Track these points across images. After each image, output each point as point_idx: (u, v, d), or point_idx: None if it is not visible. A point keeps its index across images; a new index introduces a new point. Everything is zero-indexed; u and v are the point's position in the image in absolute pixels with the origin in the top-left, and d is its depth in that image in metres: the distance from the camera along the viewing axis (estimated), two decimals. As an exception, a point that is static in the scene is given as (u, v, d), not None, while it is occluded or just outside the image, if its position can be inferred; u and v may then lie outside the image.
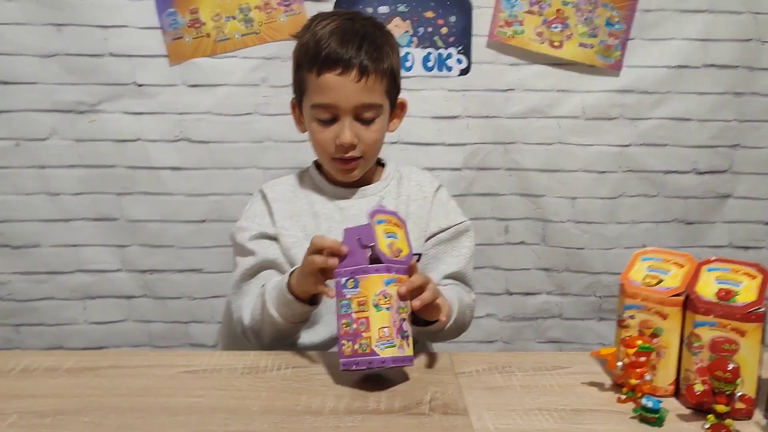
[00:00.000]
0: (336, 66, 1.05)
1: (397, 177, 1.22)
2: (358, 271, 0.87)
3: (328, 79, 1.06)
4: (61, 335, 1.94)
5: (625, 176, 1.96)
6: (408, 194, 1.20)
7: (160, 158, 1.88)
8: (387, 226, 0.91)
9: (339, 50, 1.05)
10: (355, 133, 1.09)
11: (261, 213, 1.16)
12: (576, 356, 1.03)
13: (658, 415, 0.80)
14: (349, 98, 1.07)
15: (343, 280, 0.88)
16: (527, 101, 1.91)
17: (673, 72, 1.91)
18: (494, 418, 0.81)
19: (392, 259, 0.89)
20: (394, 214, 0.94)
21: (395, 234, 0.91)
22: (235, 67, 1.85)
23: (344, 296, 0.88)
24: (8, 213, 1.87)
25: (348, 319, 0.87)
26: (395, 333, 0.86)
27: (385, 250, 0.88)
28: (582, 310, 2.03)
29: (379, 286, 0.86)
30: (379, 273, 0.87)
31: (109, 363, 0.95)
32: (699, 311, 0.84)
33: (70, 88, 1.82)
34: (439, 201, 1.21)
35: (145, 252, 1.93)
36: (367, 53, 1.06)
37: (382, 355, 0.85)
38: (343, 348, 0.88)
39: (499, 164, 1.95)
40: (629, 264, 0.95)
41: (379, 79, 1.08)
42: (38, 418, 0.78)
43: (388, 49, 1.10)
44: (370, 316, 0.86)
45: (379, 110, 1.11)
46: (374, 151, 1.15)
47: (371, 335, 0.85)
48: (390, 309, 0.87)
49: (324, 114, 1.09)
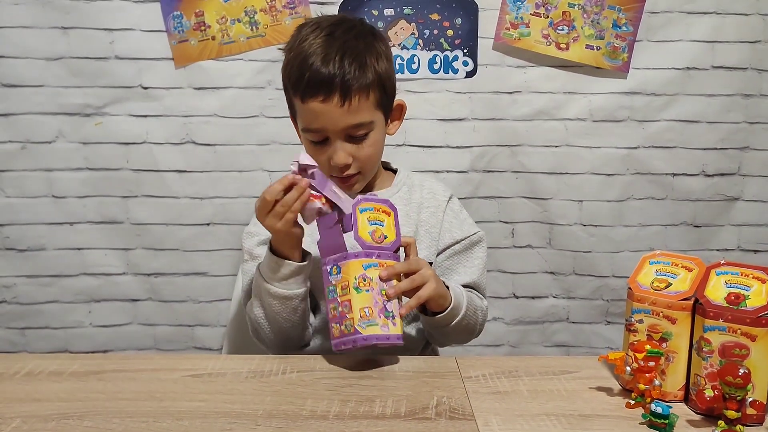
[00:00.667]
0: (318, 92, 1.03)
1: (409, 184, 1.22)
2: (339, 258, 0.94)
3: (313, 107, 1.05)
4: (66, 338, 1.94)
5: (632, 179, 1.95)
6: (420, 202, 1.19)
7: (165, 161, 1.87)
8: (372, 213, 0.97)
9: (320, 72, 1.02)
10: (349, 153, 1.08)
11: None
12: (584, 360, 1.02)
13: (668, 420, 0.79)
14: (336, 123, 1.05)
15: (328, 268, 0.95)
16: (534, 103, 1.90)
17: (681, 74, 1.90)
18: (501, 423, 0.80)
19: (371, 245, 0.95)
20: (385, 203, 0.99)
21: (382, 221, 0.97)
22: (241, 69, 1.85)
23: (330, 282, 0.94)
24: (14, 216, 1.88)
25: (334, 303, 0.94)
26: (377, 313, 0.92)
27: (365, 236, 0.95)
28: (589, 314, 2.01)
29: (358, 270, 0.93)
30: (358, 258, 0.93)
31: (114, 366, 0.95)
32: (708, 315, 0.83)
33: (76, 90, 1.83)
34: (451, 211, 1.21)
35: (151, 255, 1.93)
36: (349, 71, 1.03)
37: (364, 333, 0.91)
38: (332, 330, 0.94)
39: (506, 167, 1.94)
40: (637, 268, 0.94)
41: (365, 95, 1.05)
42: (42, 422, 0.78)
43: (372, 60, 1.07)
44: (351, 298, 0.92)
45: (370, 126, 1.09)
46: (372, 165, 1.14)
47: (354, 316, 0.91)
48: (370, 291, 0.93)
49: (315, 137, 1.08)
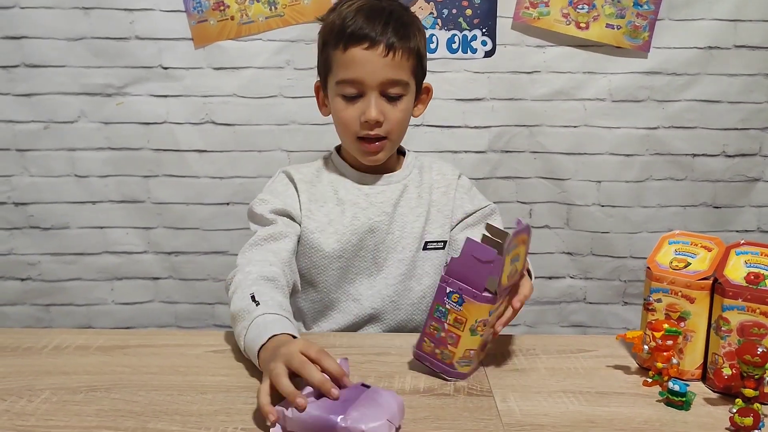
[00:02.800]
0: (363, 41, 1.05)
1: (419, 166, 1.22)
2: (468, 292, 0.83)
3: (355, 54, 1.05)
4: (90, 315, 1.98)
5: (652, 159, 1.94)
6: (430, 183, 1.19)
7: (185, 141, 1.89)
8: (515, 250, 0.85)
9: (365, 26, 1.05)
10: (381, 110, 1.07)
11: (285, 192, 1.15)
12: (601, 339, 1.02)
13: (685, 398, 0.79)
14: (375, 73, 1.06)
15: (447, 289, 0.84)
16: (553, 83, 1.89)
17: (703, 53, 1.87)
18: (519, 399, 0.81)
19: (505, 288, 0.85)
20: (525, 230, 0.87)
21: (518, 256, 0.86)
22: (260, 49, 1.85)
23: (443, 303, 0.84)
24: (38, 195, 1.91)
25: (438, 324, 0.85)
26: (478, 353, 0.87)
27: (504, 281, 0.84)
28: (606, 295, 2.01)
29: (482, 315, 0.84)
30: (487, 303, 0.83)
31: (138, 342, 0.97)
32: (727, 295, 0.83)
33: (97, 71, 1.84)
34: (462, 187, 1.21)
35: (171, 234, 1.95)
36: (394, 30, 1.06)
37: (459, 370, 0.86)
38: (423, 343, 0.87)
39: (524, 147, 1.93)
40: (656, 247, 0.94)
41: (406, 56, 1.07)
42: (70, 395, 0.80)
43: (414, 30, 1.10)
44: (462, 336, 0.84)
45: (406, 88, 1.10)
46: (399, 133, 1.13)
47: (456, 352, 0.85)
48: (484, 335, 0.86)
49: (350, 89, 1.08)
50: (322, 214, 1.14)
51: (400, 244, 1.14)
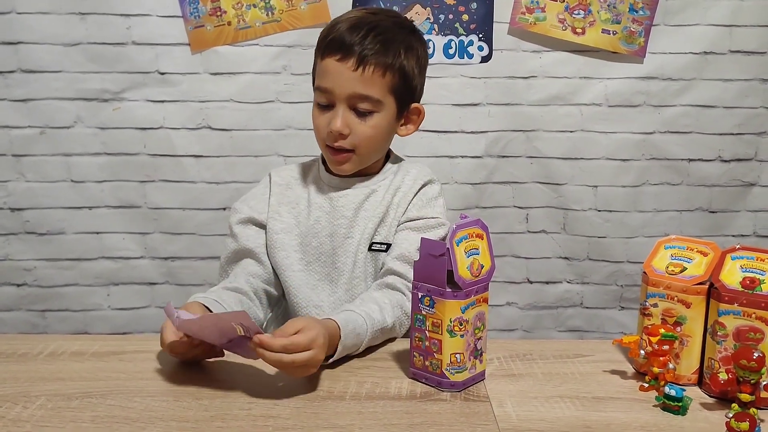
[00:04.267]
0: (337, 51, 1.04)
1: (396, 171, 1.16)
2: (435, 291, 0.83)
3: (328, 64, 1.06)
4: (86, 321, 1.97)
5: (648, 164, 1.94)
6: (397, 186, 1.14)
7: (182, 146, 1.89)
8: (468, 242, 0.85)
9: (344, 36, 1.04)
10: (347, 123, 1.06)
11: (259, 196, 1.17)
12: (597, 344, 1.02)
13: (681, 403, 0.79)
14: (343, 85, 1.05)
15: (419, 295, 0.85)
16: (549, 88, 1.90)
17: (698, 58, 1.88)
18: (515, 405, 0.81)
19: (471, 282, 0.84)
20: (477, 223, 0.87)
21: (477, 249, 0.86)
22: (257, 55, 1.85)
23: (419, 311, 0.85)
24: (34, 200, 1.90)
25: (421, 334, 0.86)
26: (468, 357, 0.85)
27: (465, 273, 0.83)
28: (603, 299, 2.01)
29: (455, 313, 0.83)
30: (457, 299, 0.83)
31: (134, 348, 0.97)
32: (723, 300, 0.83)
33: (93, 76, 1.84)
34: (424, 195, 1.14)
35: (167, 239, 1.95)
36: (371, 44, 1.04)
37: (451, 379, 0.85)
38: (414, 359, 0.87)
39: (521, 152, 1.93)
40: (652, 252, 0.94)
41: (380, 73, 1.05)
42: (66, 401, 0.80)
43: (400, 49, 1.06)
44: (443, 340, 0.83)
45: (377, 105, 1.06)
46: (369, 149, 1.09)
47: (442, 359, 0.84)
48: (465, 335, 0.84)
49: (321, 98, 1.08)
50: (291, 216, 1.14)
51: (359, 249, 1.11)
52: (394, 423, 0.76)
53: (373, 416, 0.77)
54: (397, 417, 0.77)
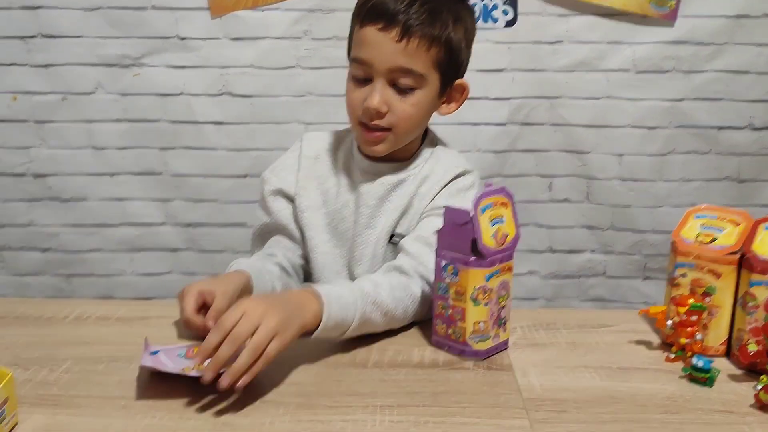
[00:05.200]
0: (378, 20, 0.95)
1: (427, 157, 1.08)
2: (459, 259, 0.82)
3: (367, 33, 0.96)
4: (110, 285, 2.00)
5: (675, 132, 1.90)
6: (426, 175, 1.06)
7: (202, 112, 1.88)
8: (493, 210, 0.83)
9: (387, 3, 0.95)
10: (386, 100, 0.97)
11: (288, 167, 1.11)
12: (622, 314, 1.01)
13: (709, 374, 0.78)
14: (384, 58, 0.95)
15: (443, 263, 0.84)
16: (575, 54, 1.85)
17: (731, 22, 1.82)
18: (539, 374, 0.81)
19: (495, 251, 0.83)
20: (502, 192, 0.85)
21: (502, 217, 0.84)
22: (277, 19, 1.83)
23: (443, 279, 0.84)
24: (57, 167, 1.91)
25: (444, 302, 0.85)
26: (491, 326, 0.84)
27: (489, 242, 0.82)
28: (626, 269, 1.99)
29: (479, 281, 0.82)
30: (481, 268, 0.82)
31: (158, 313, 0.97)
32: (755, 270, 0.82)
33: (113, 41, 1.83)
34: (455, 184, 1.06)
35: (189, 206, 1.95)
36: (418, 13, 0.94)
37: (474, 348, 0.84)
38: (436, 327, 0.87)
39: (545, 119, 1.90)
40: (681, 221, 0.92)
41: (426, 45, 0.96)
42: (92, 364, 0.81)
43: (449, 19, 0.97)
44: (466, 308, 0.83)
45: (420, 81, 0.98)
46: (407, 128, 1.01)
47: (466, 327, 0.83)
48: (489, 303, 0.83)
49: (358, 71, 0.99)
50: (318, 193, 1.08)
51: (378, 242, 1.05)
52: (416, 391, 0.76)
53: (395, 384, 0.77)
54: (419, 385, 0.77)
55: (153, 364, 0.74)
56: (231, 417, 0.70)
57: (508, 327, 0.88)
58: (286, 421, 0.69)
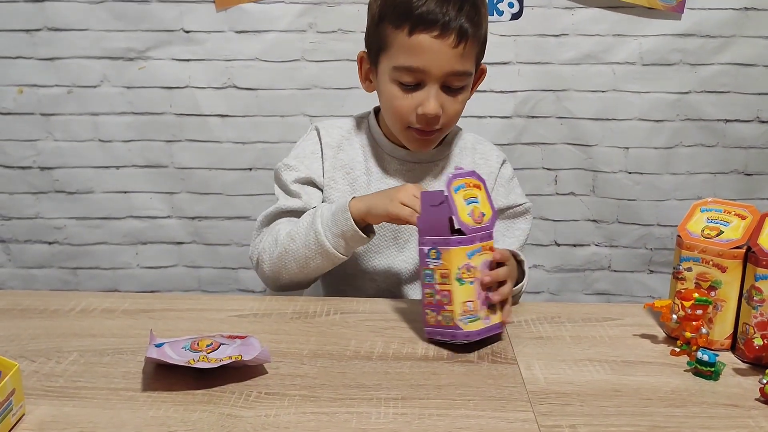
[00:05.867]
0: (433, 27, 0.94)
1: (461, 146, 1.14)
2: (440, 242, 0.83)
3: (422, 41, 0.95)
4: (115, 278, 2.01)
5: (682, 125, 1.89)
6: (472, 162, 1.13)
7: (208, 105, 1.88)
8: (466, 191, 0.85)
9: (437, 10, 0.94)
10: (441, 103, 0.99)
11: (311, 156, 1.11)
12: (627, 308, 1.01)
13: (714, 368, 0.78)
14: (442, 64, 0.96)
15: (426, 249, 0.84)
16: (581, 46, 1.84)
17: (739, 14, 1.81)
18: (543, 367, 0.81)
19: (475, 228, 0.83)
20: (473, 175, 0.87)
21: (476, 198, 0.85)
22: (282, 12, 1.82)
23: (427, 265, 0.85)
24: (63, 159, 1.92)
25: (431, 289, 0.85)
26: (480, 305, 0.84)
27: (467, 219, 0.83)
28: (632, 263, 1.99)
29: (462, 260, 0.82)
30: (461, 245, 0.82)
31: (163, 306, 0.98)
32: (761, 264, 0.81)
33: (119, 34, 1.83)
34: (503, 177, 1.14)
35: (194, 199, 1.96)
36: (468, 16, 0.95)
37: (465, 329, 0.83)
38: (427, 317, 0.86)
39: (551, 112, 1.89)
40: (687, 215, 0.92)
41: (475, 45, 0.98)
42: (98, 356, 0.81)
43: (485, 13, 1.01)
44: (452, 290, 0.82)
45: (469, 79, 1.02)
46: (453, 123, 1.06)
47: (454, 309, 0.83)
48: (474, 282, 0.83)
49: (408, 78, 0.98)
50: (346, 183, 1.09)
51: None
52: (421, 383, 0.76)
53: (400, 376, 0.77)
54: (424, 377, 0.77)
55: (158, 356, 0.75)
56: (235, 409, 0.70)
57: (498, 310, 0.87)
58: (291, 414, 0.69)
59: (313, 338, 0.87)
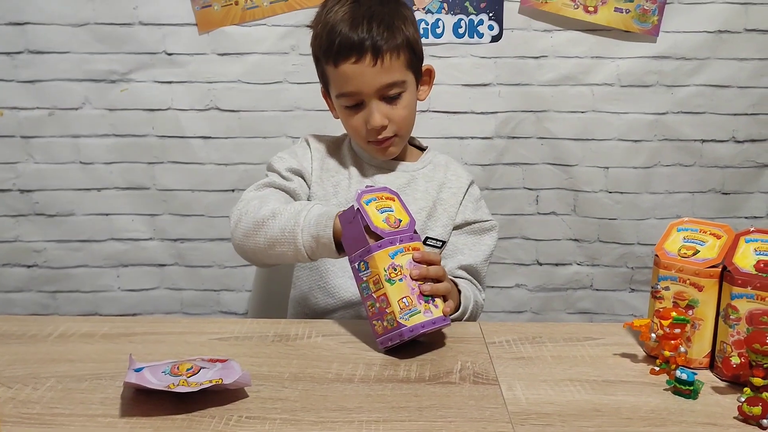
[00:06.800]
0: (350, 54, 1.05)
1: (435, 163, 1.23)
2: (363, 252, 0.88)
3: (346, 69, 1.07)
4: (96, 302, 1.98)
5: (660, 145, 1.92)
6: (442, 181, 1.21)
7: (190, 127, 1.88)
8: (378, 203, 0.91)
9: (350, 37, 1.05)
10: (384, 114, 1.09)
11: (302, 155, 1.19)
12: (608, 327, 1.02)
13: (693, 387, 0.79)
14: (369, 83, 1.07)
15: (356, 265, 0.89)
16: (560, 68, 1.87)
17: (713, 37, 1.85)
18: (525, 388, 0.81)
19: (391, 231, 0.89)
20: (385, 190, 0.94)
21: (390, 207, 0.92)
22: (265, 35, 1.84)
23: (362, 279, 0.89)
24: (43, 182, 1.90)
25: (370, 300, 0.89)
26: (416, 300, 0.88)
27: (381, 225, 0.89)
28: (613, 281, 2.00)
29: (386, 261, 0.87)
30: (382, 248, 0.87)
31: (143, 329, 0.97)
32: (736, 283, 0.82)
33: (101, 57, 1.83)
34: (472, 195, 1.22)
35: (176, 221, 1.95)
36: (378, 33, 1.06)
37: (408, 324, 0.87)
38: (375, 328, 0.89)
39: (531, 133, 1.91)
40: (664, 235, 0.93)
41: (395, 55, 1.08)
42: (76, 382, 0.80)
43: (399, 23, 1.09)
44: (386, 291, 0.87)
45: (403, 85, 1.10)
46: (407, 127, 1.15)
47: (393, 309, 0.87)
48: (404, 279, 0.88)
49: (349, 101, 1.10)
50: (330, 184, 1.17)
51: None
52: (402, 406, 0.76)
53: (381, 399, 0.77)
54: (405, 400, 0.77)
55: (137, 381, 0.74)
56: (216, 434, 0.70)
57: (440, 304, 0.90)
58: (271, 438, 0.69)
59: (294, 361, 0.87)
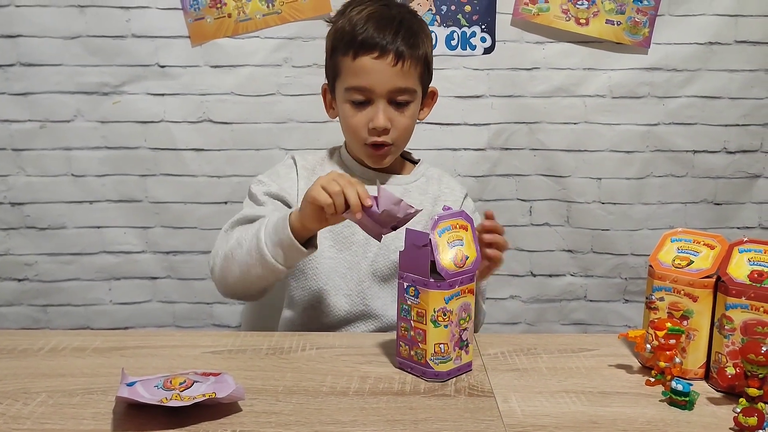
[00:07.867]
0: (373, 50, 1.07)
1: (428, 176, 1.23)
2: (419, 281, 0.84)
3: (365, 62, 1.07)
4: (87, 315, 1.97)
5: (652, 156, 1.93)
6: (436, 194, 1.21)
7: (183, 139, 1.88)
8: (451, 233, 0.86)
9: (376, 35, 1.06)
10: (389, 117, 1.10)
11: (285, 176, 1.18)
12: (602, 338, 1.02)
13: (688, 398, 0.79)
14: (384, 82, 1.08)
15: (405, 285, 0.86)
16: (552, 80, 1.88)
17: (703, 49, 1.86)
18: (520, 400, 0.80)
19: (455, 273, 0.84)
20: (461, 215, 0.88)
21: (461, 239, 0.86)
22: (257, 47, 1.84)
23: (405, 300, 0.86)
24: (34, 195, 1.89)
25: (406, 324, 0.86)
26: (452, 347, 0.85)
27: (448, 264, 0.83)
28: (607, 292, 2.00)
29: (438, 303, 0.83)
30: (440, 290, 0.83)
31: (136, 343, 0.96)
32: (731, 293, 0.82)
33: (93, 69, 1.83)
34: (467, 207, 1.23)
35: (169, 233, 1.94)
36: (404, 39, 1.07)
37: (435, 369, 0.85)
38: (400, 348, 0.88)
39: (524, 144, 1.92)
40: (658, 245, 0.93)
41: (415, 65, 1.09)
42: (67, 397, 0.79)
43: (423, 37, 1.12)
44: (427, 330, 0.84)
45: (413, 95, 1.12)
46: (405, 138, 1.15)
47: (427, 348, 0.84)
48: (449, 326, 0.84)
49: (358, 96, 1.10)
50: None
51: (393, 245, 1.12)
52: (397, 419, 0.75)
53: (376, 412, 0.77)
54: (400, 413, 0.77)
55: (129, 396, 0.73)
56: (209, 449, 0.69)
57: (471, 349, 0.88)
58: (265, 453, 0.68)
59: (288, 374, 0.86)
